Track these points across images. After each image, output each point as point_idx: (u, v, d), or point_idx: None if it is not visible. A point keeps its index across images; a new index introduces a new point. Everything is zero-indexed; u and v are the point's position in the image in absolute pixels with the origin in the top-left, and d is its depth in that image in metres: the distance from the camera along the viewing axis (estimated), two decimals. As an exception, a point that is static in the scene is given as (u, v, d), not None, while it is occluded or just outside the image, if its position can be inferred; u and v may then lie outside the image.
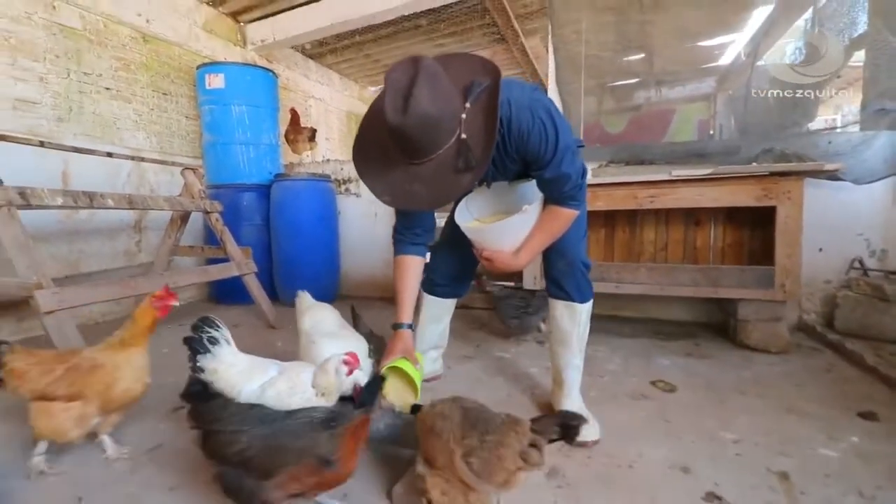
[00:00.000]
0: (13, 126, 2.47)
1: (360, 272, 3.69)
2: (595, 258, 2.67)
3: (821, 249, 2.42)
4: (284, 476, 0.90)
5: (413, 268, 1.49)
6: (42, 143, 1.95)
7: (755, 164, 2.30)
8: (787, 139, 2.43)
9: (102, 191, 2.08)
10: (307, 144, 3.81)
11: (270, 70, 3.52)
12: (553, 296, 1.51)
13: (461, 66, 1.15)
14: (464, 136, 1.08)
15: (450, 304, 1.79)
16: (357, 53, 4.84)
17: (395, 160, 1.14)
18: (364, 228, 3.65)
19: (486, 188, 1.48)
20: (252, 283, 2.64)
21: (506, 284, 2.89)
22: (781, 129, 2.54)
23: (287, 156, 3.91)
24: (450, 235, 1.68)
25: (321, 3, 3.55)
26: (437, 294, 1.75)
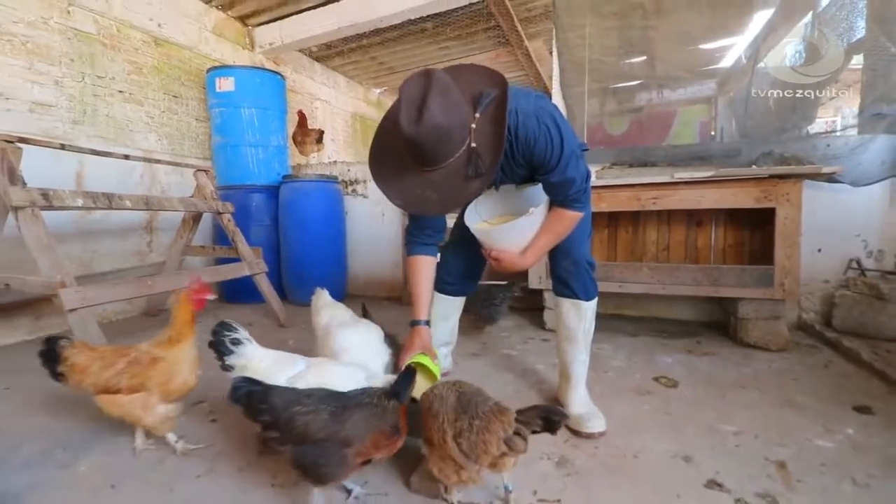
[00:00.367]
0: (30, 128, 2.54)
1: (367, 272, 3.75)
2: (598, 258, 2.72)
3: (819, 250, 2.47)
4: (367, 442, 0.97)
5: (427, 267, 1.55)
6: (63, 146, 2.01)
7: (755, 167, 2.36)
8: (787, 142, 2.49)
9: (116, 191, 2.14)
10: (314, 146, 3.87)
11: (279, 73, 3.58)
12: (559, 294, 1.56)
13: (470, 77, 1.21)
14: (473, 145, 1.13)
15: (459, 303, 1.85)
16: (363, 56, 4.89)
17: (409, 167, 1.19)
18: (371, 229, 3.71)
19: (495, 191, 1.53)
20: (263, 283, 2.70)
21: (499, 283, 2.96)
22: (781, 132, 2.60)
23: (294, 157, 3.97)
24: (459, 236, 1.74)
25: (329, 7, 3.61)
26: (447, 292, 1.80)
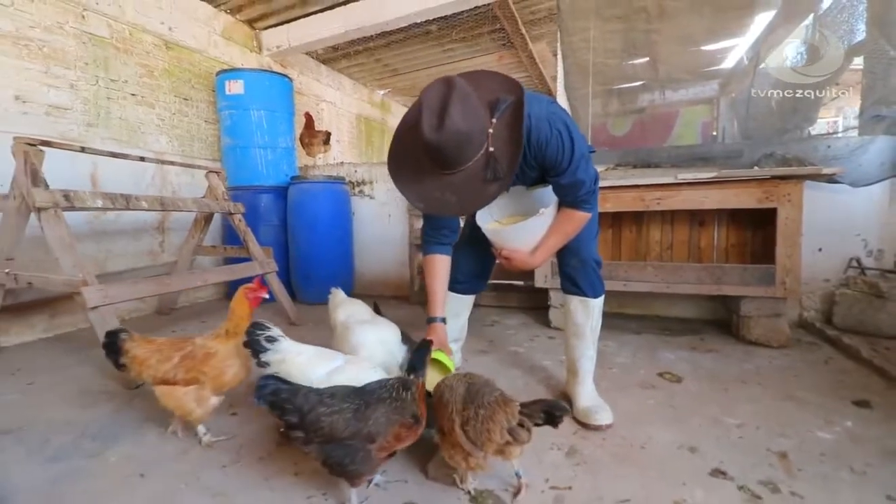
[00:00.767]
0: (46, 131, 2.60)
1: (374, 271, 3.80)
2: (603, 257, 2.75)
3: (820, 249, 2.52)
4: (390, 436, 1.01)
5: (442, 266, 1.60)
6: (83, 149, 2.06)
7: (757, 168, 2.40)
8: (788, 143, 2.53)
9: (129, 192, 2.19)
10: (322, 147, 3.93)
11: (286, 75, 3.64)
12: (567, 292, 1.62)
13: (488, 84, 1.26)
14: (491, 150, 1.18)
15: (469, 301, 1.90)
16: (368, 58, 4.95)
17: (428, 170, 1.24)
18: (377, 229, 3.77)
19: (506, 192, 1.58)
20: (273, 282, 2.75)
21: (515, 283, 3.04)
22: (783, 133, 2.64)
23: (301, 158, 4.03)
24: (469, 236, 1.79)
25: (335, 11, 3.67)
26: (458, 291, 1.85)
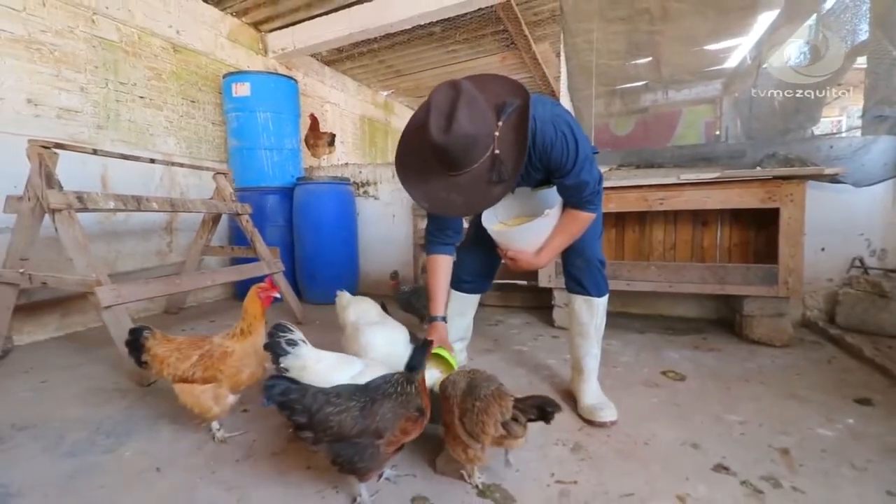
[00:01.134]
0: (58, 133, 2.64)
1: (378, 271, 3.83)
2: (606, 257, 2.77)
3: (823, 249, 2.53)
4: (396, 431, 1.03)
5: (445, 266, 1.64)
6: (95, 151, 2.10)
7: (759, 168, 2.42)
8: (791, 143, 2.55)
9: (138, 193, 2.23)
10: (326, 149, 3.97)
11: (292, 78, 3.68)
12: (572, 291, 1.64)
13: (494, 87, 1.29)
14: (497, 152, 1.21)
15: (474, 300, 1.93)
16: (371, 60, 4.98)
17: (435, 171, 1.27)
18: (382, 229, 3.80)
19: (511, 193, 1.61)
20: (280, 282, 2.78)
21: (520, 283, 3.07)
22: (785, 133, 2.65)
23: (306, 159, 4.06)
24: (475, 236, 1.81)
25: (340, 14, 3.70)
26: (463, 290, 1.88)
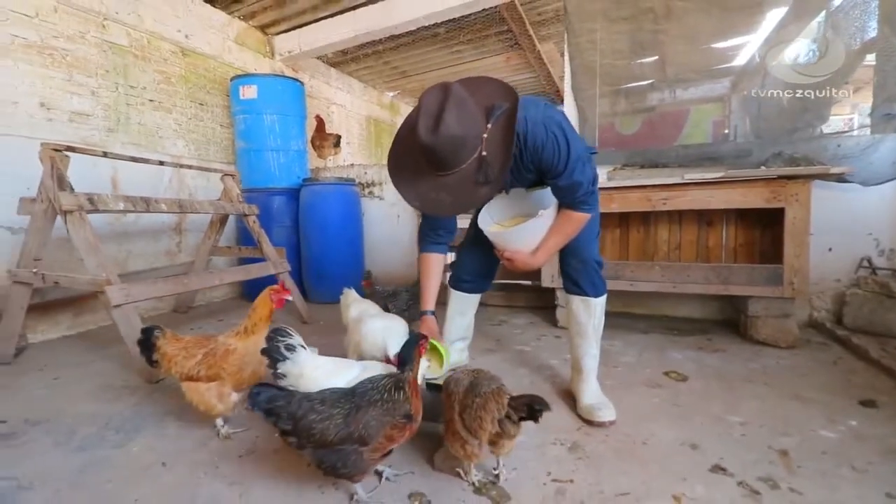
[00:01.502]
0: (69, 136, 2.71)
1: (383, 271, 3.85)
2: (610, 257, 2.78)
3: (830, 249, 2.50)
4: (381, 438, 1.03)
5: (436, 263, 1.68)
6: (105, 154, 2.15)
7: (764, 168, 2.40)
8: (797, 142, 2.52)
9: (148, 195, 2.28)
10: (332, 150, 4.00)
11: (298, 80, 3.72)
12: (570, 291, 1.65)
13: (485, 89, 1.31)
14: (484, 154, 1.23)
15: (474, 300, 1.94)
16: (377, 61, 5.02)
17: (424, 171, 1.30)
18: (387, 230, 3.83)
19: (506, 194, 1.62)
20: (287, 281, 2.82)
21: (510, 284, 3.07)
22: (792, 132, 2.62)
23: (312, 160, 4.10)
24: (473, 236, 1.83)
25: (345, 16, 3.73)
26: (463, 290, 1.90)
